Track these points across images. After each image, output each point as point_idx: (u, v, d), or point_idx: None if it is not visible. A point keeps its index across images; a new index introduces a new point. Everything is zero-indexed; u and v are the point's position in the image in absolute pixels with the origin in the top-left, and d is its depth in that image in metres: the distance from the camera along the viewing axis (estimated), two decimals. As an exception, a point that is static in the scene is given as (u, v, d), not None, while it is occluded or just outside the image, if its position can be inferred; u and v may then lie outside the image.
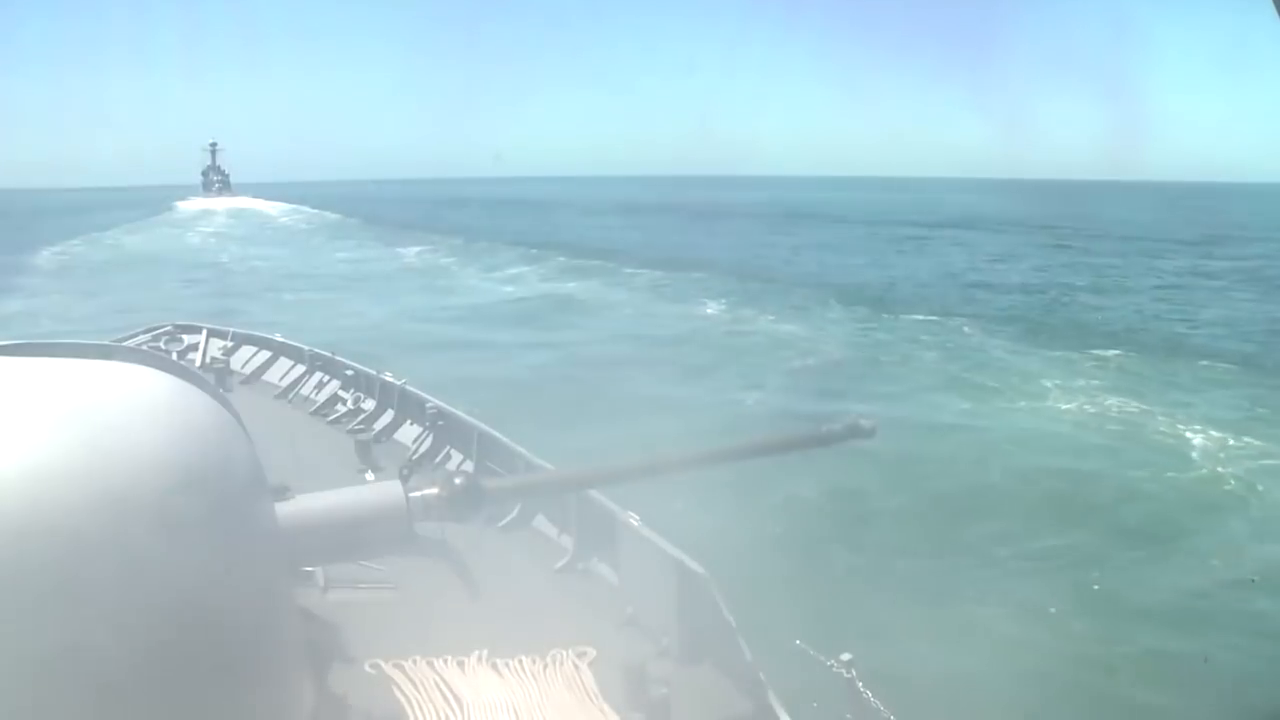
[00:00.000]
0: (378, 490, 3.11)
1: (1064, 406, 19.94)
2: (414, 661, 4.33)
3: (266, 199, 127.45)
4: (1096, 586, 10.96)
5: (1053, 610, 10.30)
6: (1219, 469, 15.49)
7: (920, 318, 31.76)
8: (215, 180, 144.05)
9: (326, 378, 9.69)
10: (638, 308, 33.89)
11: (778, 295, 36.42)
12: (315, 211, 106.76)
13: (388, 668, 4.27)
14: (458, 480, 3.19)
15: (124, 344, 3.05)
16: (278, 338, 10.95)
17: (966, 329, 29.40)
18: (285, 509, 2.86)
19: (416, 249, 58.32)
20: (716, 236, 69.20)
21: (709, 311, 32.93)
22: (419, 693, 4.14)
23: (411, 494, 3.06)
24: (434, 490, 3.11)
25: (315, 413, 9.18)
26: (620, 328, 29.09)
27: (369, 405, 8.85)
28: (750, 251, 57.39)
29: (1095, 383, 22.19)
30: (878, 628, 9.00)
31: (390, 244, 62.12)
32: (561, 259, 50.22)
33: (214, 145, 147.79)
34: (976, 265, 52.63)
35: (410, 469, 3.27)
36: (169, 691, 2.25)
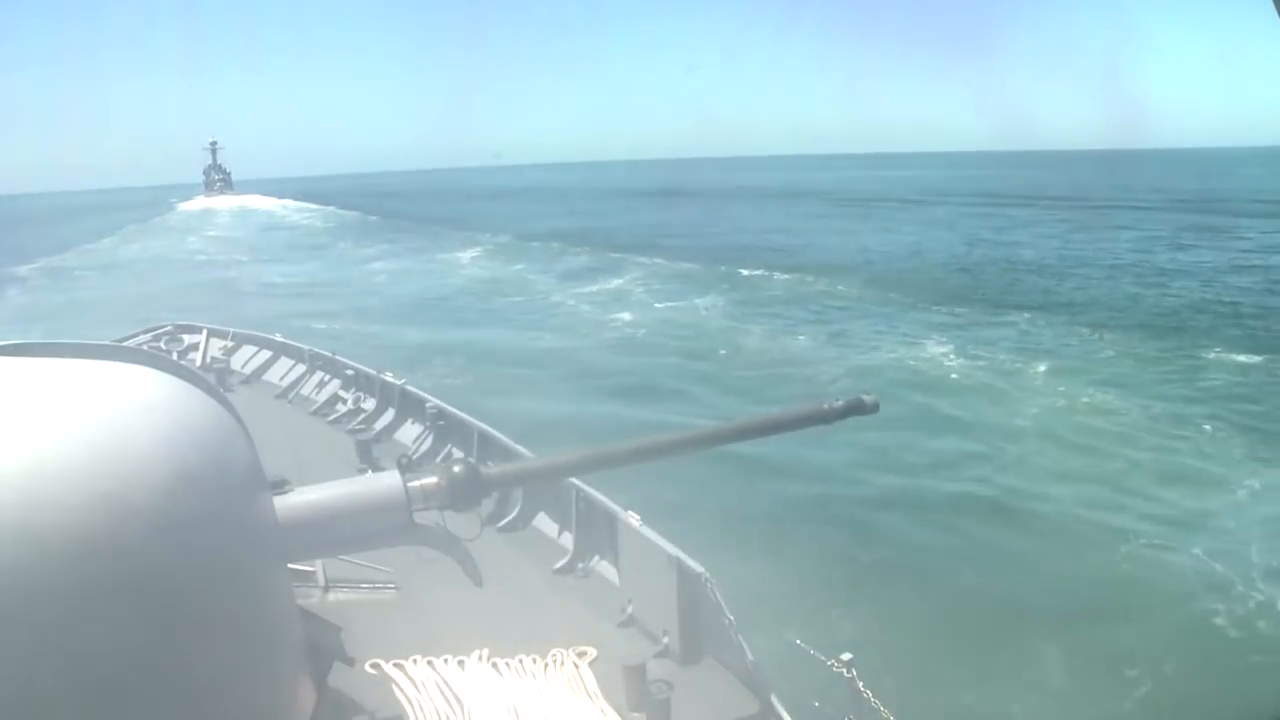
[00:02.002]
0: (376, 480, 3.09)
1: None
2: (414, 661, 4.34)
3: (272, 196, 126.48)
4: None
5: None
6: None
7: (1241, 359, 21.16)
8: (217, 179, 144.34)
9: (327, 377, 9.70)
10: (830, 358, 21.96)
11: (989, 315, 26.94)
12: (329, 209, 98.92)
13: (388, 667, 4.27)
14: (456, 468, 3.16)
15: (124, 344, 3.04)
16: (278, 337, 10.97)
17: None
18: (284, 502, 2.86)
19: (471, 254, 48.73)
20: (792, 224, 62.14)
21: (940, 354, 21.93)
22: (419, 692, 4.14)
23: (410, 483, 3.04)
24: (433, 479, 3.09)
25: (315, 412, 9.20)
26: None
27: (369, 405, 8.86)
28: (845, 241, 50.04)
29: None
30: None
31: (430, 248, 52.47)
32: (655, 261, 41.28)
33: (214, 144, 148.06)
34: (1160, 254, 41.39)
35: (410, 460, 3.23)
36: (169, 691, 2.25)
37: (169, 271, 45.45)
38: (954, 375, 20.09)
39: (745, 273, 36.89)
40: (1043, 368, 20.31)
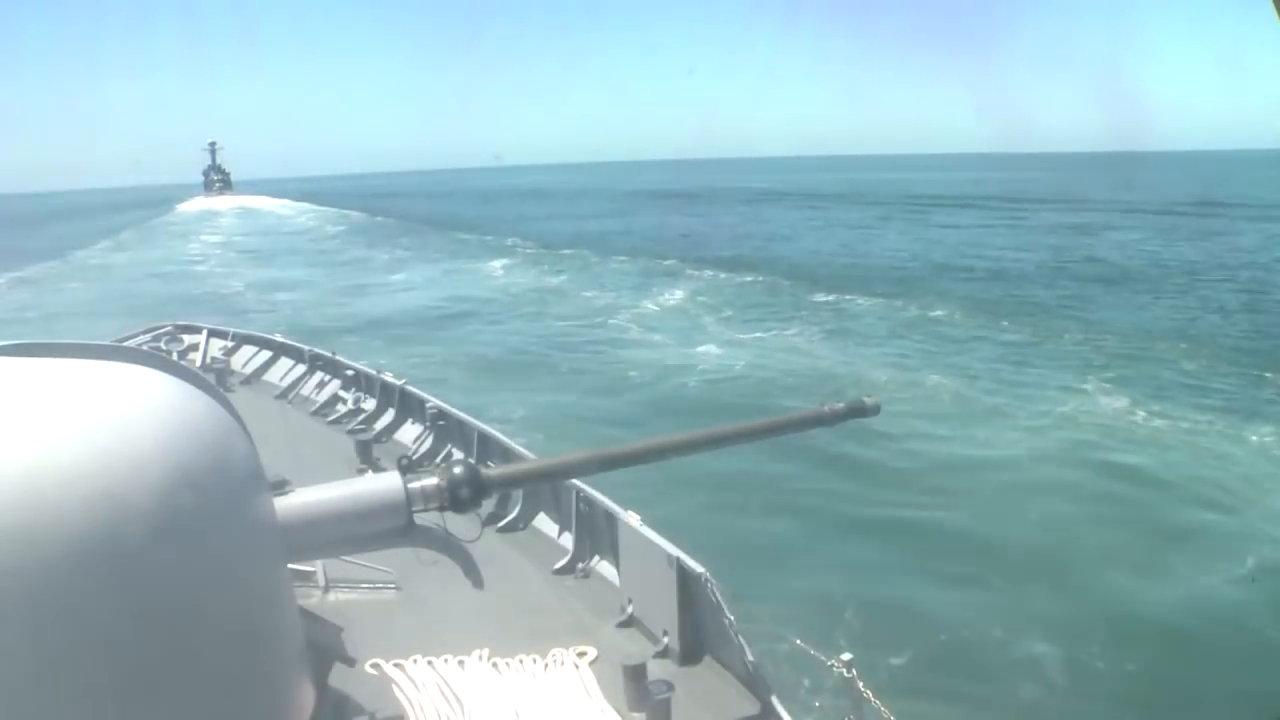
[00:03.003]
0: (376, 481, 3.09)
1: None
2: (414, 661, 4.34)
3: (272, 196, 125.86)
4: None
5: None
6: None
7: None
8: (216, 180, 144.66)
9: (327, 377, 9.71)
10: (997, 421, 16.64)
11: (1138, 349, 22.14)
12: (334, 211, 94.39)
13: (388, 667, 4.27)
14: (457, 469, 3.16)
15: (125, 344, 3.04)
16: (278, 337, 10.97)
17: None
18: (284, 502, 2.85)
19: (501, 263, 43.91)
20: (833, 230, 58.04)
21: (1121, 410, 16.92)
22: (419, 692, 4.14)
23: (411, 484, 3.03)
24: (433, 481, 3.09)
25: (315, 413, 9.20)
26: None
27: (369, 405, 8.87)
28: (904, 250, 45.77)
29: None
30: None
31: (453, 255, 48.58)
32: (705, 272, 37.27)
33: (213, 144, 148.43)
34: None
35: (410, 461, 3.23)
36: (169, 691, 2.25)
37: (163, 283, 40.60)
38: (1165, 446, 14.83)
39: (823, 298, 31.20)
40: (1269, 433, 15.18)
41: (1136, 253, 43.25)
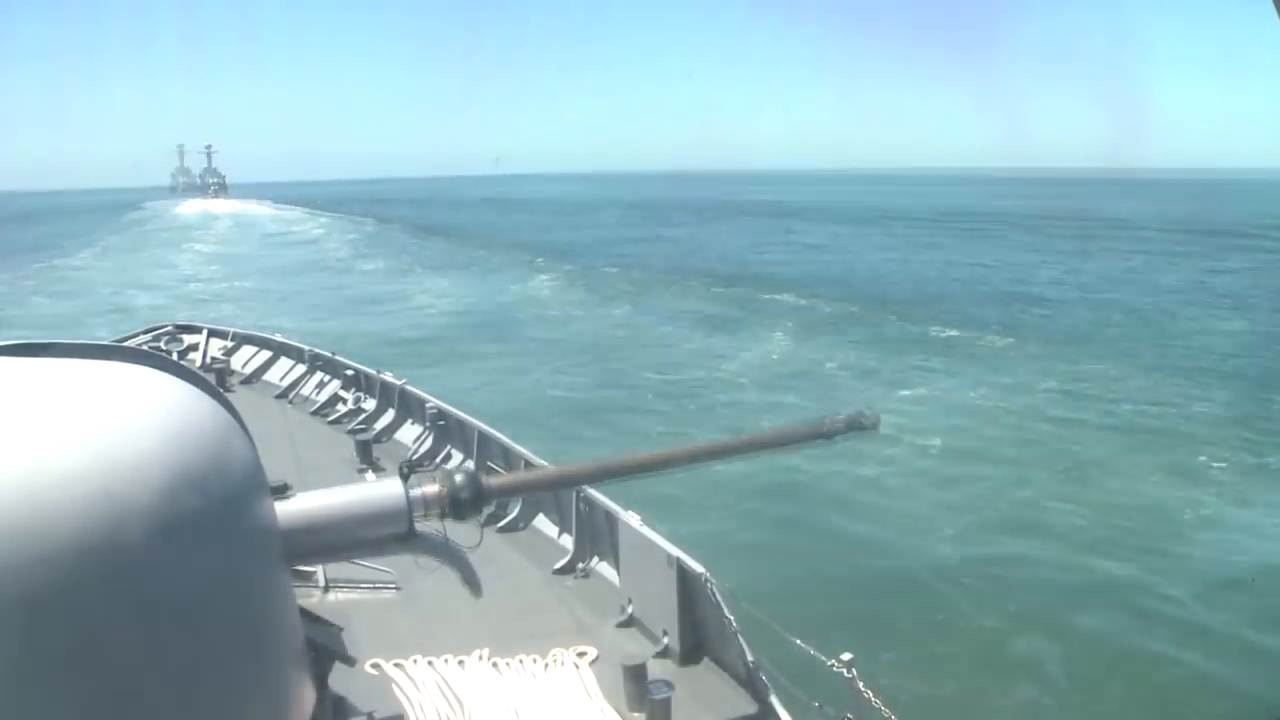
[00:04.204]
0: (377, 487, 3.09)
1: None
2: (415, 661, 4.34)
3: (268, 201, 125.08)
4: None
5: None
6: None
7: None
8: (211, 182, 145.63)
9: (327, 377, 9.72)
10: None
11: None
12: (337, 217, 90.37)
13: (388, 667, 4.28)
14: (458, 477, 3.16)
15: (124, 344, 3.04)
16: (278, 337, 11.00)
17: None
18: (285, 507, 2.85)
19: (543, 282, 39.37)
20: (897, 250, 53.53)
21: None
22: (420, 692, 4.15)
23: (412, 491, 3.04)
24: (434, 487, 3.09)
25: (316, 412, 9.21)
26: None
27: (369, 405, 8.88)
28: (998, 277, 40.64)
29: None
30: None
31: (483, 272, 44.39)
32: (782, 297, 33.08)
33: (209, 148, 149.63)
34: None
35: (410, 467, 3.24)
36: (169, 692, 2.25)
37: (148, 309, 31.56)
38: None
39: (943, 333, 26.72)
40: None
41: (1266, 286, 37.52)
